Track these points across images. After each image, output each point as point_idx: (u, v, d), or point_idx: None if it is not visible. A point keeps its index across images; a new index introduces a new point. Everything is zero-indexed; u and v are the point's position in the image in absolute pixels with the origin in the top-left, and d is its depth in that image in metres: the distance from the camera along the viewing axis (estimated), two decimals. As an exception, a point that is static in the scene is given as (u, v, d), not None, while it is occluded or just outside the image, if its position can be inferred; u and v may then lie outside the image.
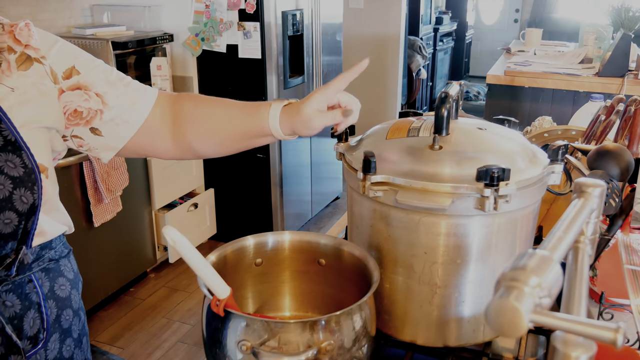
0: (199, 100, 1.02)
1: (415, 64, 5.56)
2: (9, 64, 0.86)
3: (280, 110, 0.93)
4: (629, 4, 3.18)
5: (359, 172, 0.85)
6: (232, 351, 0.77)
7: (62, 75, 0.91)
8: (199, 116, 0.99)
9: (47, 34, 0.93)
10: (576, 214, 0.66)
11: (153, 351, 2.62)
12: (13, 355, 0.87)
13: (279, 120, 0.93)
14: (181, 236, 0.75)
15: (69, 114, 0.92)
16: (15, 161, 0.83)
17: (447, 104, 0.86)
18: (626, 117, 1.34)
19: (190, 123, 0.99)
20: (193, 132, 0.99)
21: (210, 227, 3.48)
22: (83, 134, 0.95)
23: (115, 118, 0.95)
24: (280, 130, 0.94)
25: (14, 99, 0.85)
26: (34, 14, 2.95)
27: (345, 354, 0.78)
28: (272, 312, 1.01)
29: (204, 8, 3.16)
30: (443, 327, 0.91)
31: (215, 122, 0.99)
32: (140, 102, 0.97)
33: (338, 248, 0.95)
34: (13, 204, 0.83)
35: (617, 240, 1.05)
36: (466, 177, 0.81)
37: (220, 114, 0.99)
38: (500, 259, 0.88)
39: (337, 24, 3.84)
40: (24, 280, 0.90)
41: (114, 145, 0.98)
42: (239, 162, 3.40)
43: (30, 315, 0.91)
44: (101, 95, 0.94)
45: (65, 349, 0.98)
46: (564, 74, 3.10)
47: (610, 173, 1.01)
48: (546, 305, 0.49)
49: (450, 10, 6.97)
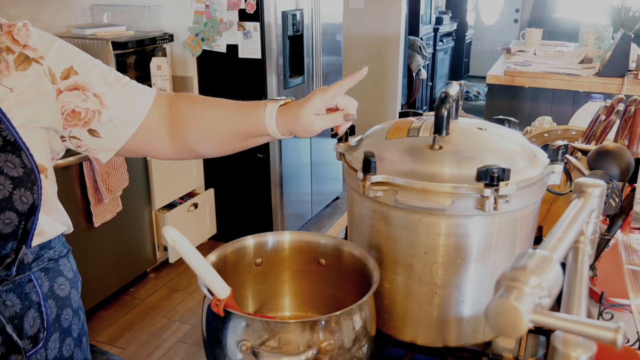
0: (196, 101, 1.02)
1: (415, 64, 5.57)
2: (8, 64, 0.86)
3: (277, 109, 0.93)
4: (629, 4, 3.18)
5: (359, 172, 0.85)
6: (232, 351, 0.77)
7: (60, 76, 0.91)
8: (196, 117, 0.99)
9: (45, 34, 0.93)
10: (576, 214, 0.66)
11: (153, 351, 2.62)
12: (14, 355, 0.87)
13: (276, 119, 0.93)
14: (181, 236, 0.75)
15: (67, 114, 0.92)
16: (15, 161, 0.83)
17: (447, 104, 0.86)
18: (626, 117, 1.34)
19: (187, 123, 0.99)
20: (190, 132, 0.99)
21: (210, 227, 3.48)
22: (81, 135, 0.95)
23: (113, 119, 0.95)
24: (277, 129, 0.94)
25: (12, 99, 0.85)
26: (33, 14, 2.95)
27: (345, 354, 0.78)
28: (272, 312, 1.01)
29: (204, 8, 3.16)
30: (443, 327, 0.91)
31: (212, 123, 0.99)
32: (138, 103, 0.97)
33: (338, 248, 0.95)
34: (13, 204, 0.83)
35: (617, 240, 1.05)
36: (466, 177, 0.81)
37: (216, 114, 0.99)
38: (500, 259, 0.88)
39: (337, 24, 3.84)
40: (23, 280, 0.90)
41: (112, 146, 0.98)
42: (239, 162, 3.40)
43: (31, 314, 0.91)
44: (99, 95, 0.94)
45: (65, 349, 0.98)
46: (564, 74, 3.10)
47: (610, 173, 1.01)
48: (546, 305, 0.49)
49: (450, 10, 6.97)
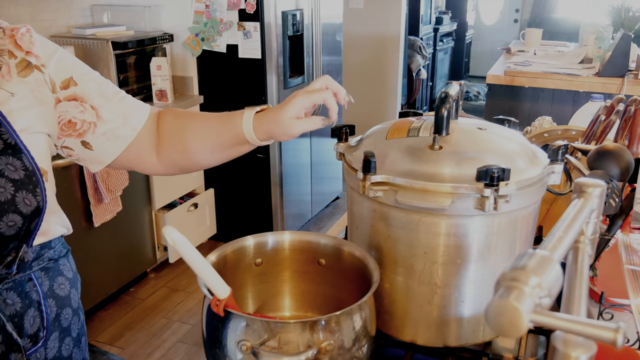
0: (180, 115, 1.04)
1: (415, 64, 5.56)
2: (9, 68, 0.86)
3: (253, 116, 0.94)
4: (629, 4, 3.18)
5: (359, 172, 0.85)
6: (232, 351, 0.77)
7: (60, 85, 0.92)
8: (179, 129, 1.01)
9: (47, 42, 0.94)
10: (576, 214, 0.66)
11: (153, 351, 2.62)
12: (14, 353, 0.88)
13: (253, 125, 0.94)
14: (181, 236, 0.75)
15: (63, 124, 0.93)
16: (16, 164, 0.83)
17: (447, 104, 0.86)
18: (626, 117, 1.34)
19: (171, 136, 1.01)
20: (174, 145, 1.01)
21: (210, 227, 3.48)
22: (74, 145, 0.96)
23: (107, 132, 0.96)
24: (255, 135, 0.94)
25: (13, 104, 0.85)
26: (33, 14, 2.95)
27: (345, 354, 0.78)
28: (272, 312, 1.01)
29: (204, 8, 3.16)
30: (443, 327, 0.91)
31: (193, 134, 1.00)
32: (134, 118, 0.99)
33: (338, 248, 0.95)
34: (17, 207, 0.83)
35: (617, 240, 1.05)
36: (466, 177, 0.81)
37: (197, 125, 1.00)
38: (500, 259, 0.88)
39: (337, 24, 3.84)
40: (24, 278, 0.90)
41: (102, 159, 0.99)
42: (239, 162, 3.38)
43: (31, 313, 0.91)
44: (96, 108, 0.94)
45: (65, 348, 0.99)
46: (564, 74, 3.10)
47: (610, 173, 1.01)
48: (546, 305, 0.49)
49: (450, 10, 6.97)
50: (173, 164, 1.03)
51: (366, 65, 5.03)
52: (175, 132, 1.01)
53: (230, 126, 0.96)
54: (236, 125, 0.95)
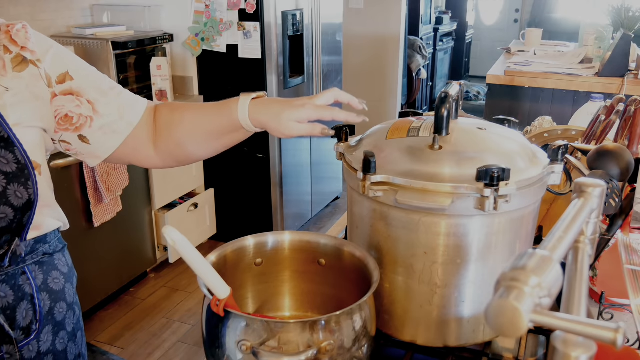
0: (176, 107, 1.05)
1: (415, 64, 5.56)
2: (4, 63, 0.87)
3: (252, 104, 0.95)
4: (629, 4, 3.18)
5: (359, 172, 0.85)
6: (232, 351, 0.77)
7: (56, 80, 0.92)
8: (175, 120, 1.02)
9: (43, 37, 0.95)
10: (576, 214, 0.66)
11: (153, 351, 2.62)
12: (5, 345, 0.88)
13: (249, 112, 0.95)
14: (181, 236, 0.75)
15: (60, 118, 0.94)
16: (8, 157, 0.84)
17: (447, 104, 0.86)
18: (626, 117, 1.34)
19: (168, 128, 1.02)
20: (171, 135, 1.02)
21: (210, 227, 3.48)
22: (71, 139, 0.97)
23: (104, 127, 0.97)
24: (250, 122, 0.95)
25: (8, 99, 0.86)
26: (33, 13, 2.95)
27: (345, 354, 0.78)
28: (272, 312, 1.01)
29: (204, 8, 3.16)
30: (443, 327, 0.91)
31: (190, 123, 1.01)
32: (130, 113, 1.00)
33: (338, 248, 0.95)
34: (8, 199, 0.84)
35: (617, 240, 1.05)
36: (466, 177, 0.81)
37: (193, 114, 1.02)
38: (500, 259, 0.88)
39: (337, 24, 3.84)
40: (17, 272, 0.91)
41: (99, 154, 1.00)
42: (239, 162, 3.40)
43: (23, 306, 0.92)
44: (92, 102, 0.95)
45: (59, 342, 0.99)
46: (564, 74, 3.09)
47: (610, 173, 1.01)
48: (546, 305, 0.49)
49: (450, 10, 6.97)
50: (170, 156, 1.04)
51: (366, 65, 5.03)
52: (169, 125, 1.02)
53: (225, 112, 0.97)
54: (231, 112, 0.96)
